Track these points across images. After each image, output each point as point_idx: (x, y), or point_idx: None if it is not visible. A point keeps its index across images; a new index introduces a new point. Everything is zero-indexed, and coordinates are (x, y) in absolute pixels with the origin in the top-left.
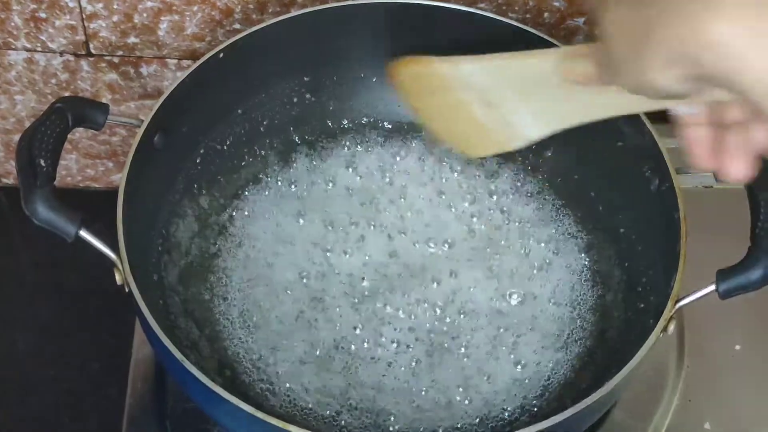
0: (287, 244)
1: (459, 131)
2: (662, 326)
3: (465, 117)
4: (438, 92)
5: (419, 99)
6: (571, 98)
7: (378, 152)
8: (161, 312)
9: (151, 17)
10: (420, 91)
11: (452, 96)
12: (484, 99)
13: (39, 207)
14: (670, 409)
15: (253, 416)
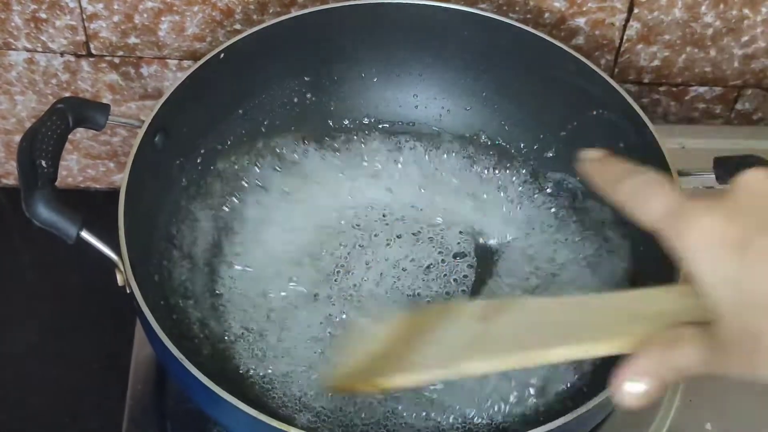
0: (289, 244)
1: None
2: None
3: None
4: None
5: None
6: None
7: (378, 152)
8: (162, 312)
9: (151, 18)
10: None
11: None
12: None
13: (40, 208)
14: (672, 410)
15: (254, 417)
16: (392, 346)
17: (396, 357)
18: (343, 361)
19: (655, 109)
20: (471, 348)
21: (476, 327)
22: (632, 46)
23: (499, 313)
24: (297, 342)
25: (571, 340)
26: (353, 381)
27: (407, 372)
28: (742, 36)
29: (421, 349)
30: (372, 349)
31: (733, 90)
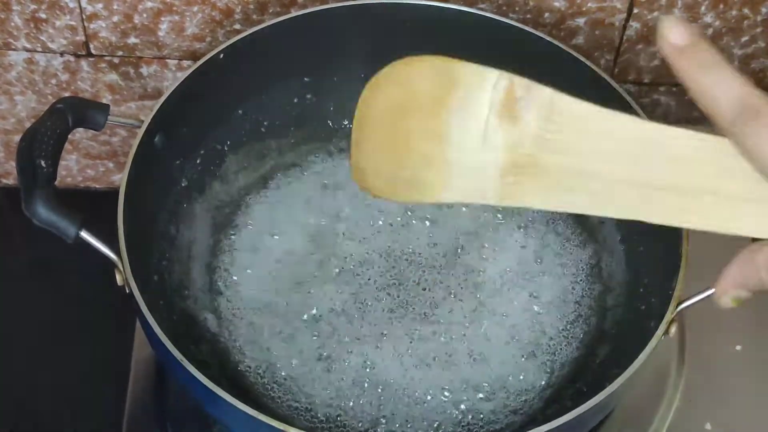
0: (289, 244)
1: (411, 162)
2: (664, 329)
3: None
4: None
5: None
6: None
7: None
8: (162, 313)
9: (151, 18)
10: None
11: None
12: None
13: (39, 208)
14: (671, 410)
15: (253, 417)
16: (399, 131)
17: (408, 155)
18: (359, 153)
19: (655, 109)
20: (509, 177)
21: (499, 131)
22: (632, 46)
23: (530, 106)
24: (297, 342)
25: (669, 210)
26: (371, 179)
27: (421, 188)
28: (742, 36)
29: (433, 150)
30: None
31: None
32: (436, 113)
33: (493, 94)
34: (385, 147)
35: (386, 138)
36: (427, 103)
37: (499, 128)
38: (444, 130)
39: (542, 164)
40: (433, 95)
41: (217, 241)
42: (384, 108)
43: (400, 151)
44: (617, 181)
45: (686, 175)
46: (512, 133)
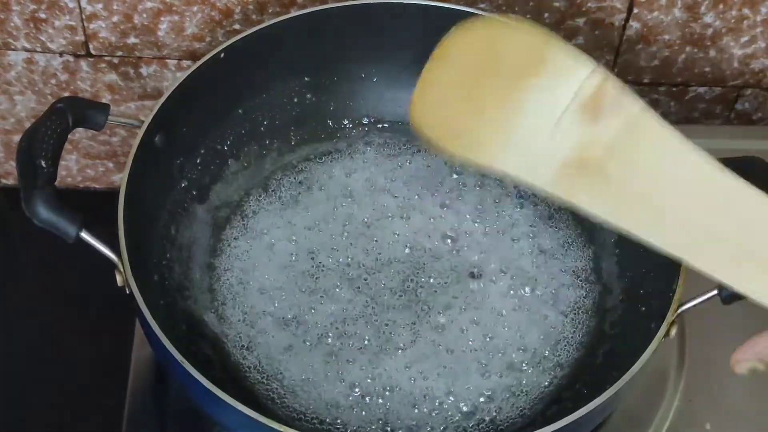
0: (289, 244)
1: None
2: (664, 331)
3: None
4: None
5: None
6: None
7: (379, 152)
8: (162, 313)
9: (150, 18)
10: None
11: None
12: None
13: (39, 208)
14: (671, 410)
15: (254, 419)
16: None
17: (473, 110)
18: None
19: (654, 109)
20: (569, 170)
21: (576, 125)
22: (632, 46)
23: (616, 113)
24: (298, 342)
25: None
26: (430, 123)
27: (479, 148)
28: (742, 36)
29: (502, 116)
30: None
31: (732, 90)
32: (517, 84)
33: (583, 85)
34: (456, 97)
35: (460, 88)
36: (512, 71)
37: (577, 122)
38: (520, 104)
39: (607, 172)
40: (519, 65)
41: (217, 241)
42: (467, 58)
43: (470, 106)
44: (674, 216)
45: (746, 236)
46: (589, 131)
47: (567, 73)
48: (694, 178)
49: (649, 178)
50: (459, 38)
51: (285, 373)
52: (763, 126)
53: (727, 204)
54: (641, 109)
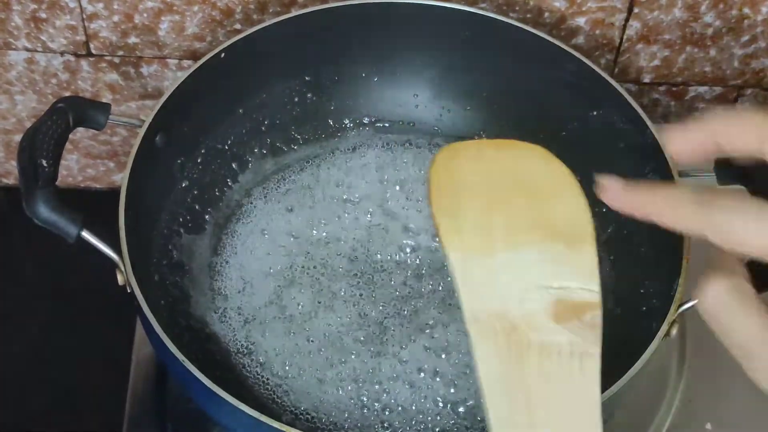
0: (290, 244)
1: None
2: (665, 331)
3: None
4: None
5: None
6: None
7: (379, 151)
8: (163, 312)
9: (151, 17)
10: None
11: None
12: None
13: (40, 207)
14: (671, 410)
15: (254, 419)
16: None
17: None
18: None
19: (655, 109)
20: (498, 323)
21: (537, 307)
22: (632, 46)
23: (575, 334)
24: (298, 342)
25: None
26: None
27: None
28: (742, 36)
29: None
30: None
31: (733, 90)
32: (545, 234)
33: (575, 289)
34: (477, 185)
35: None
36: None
37: (543, 303)
38: (524, 242)
39: (522, 357)
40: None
41: (217, 241)
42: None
43: (483, 201)
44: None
45: None
46: (541, 319)
47: (581, 268)
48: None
49: (547, 395)
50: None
51: (285, 373)
52: None
53: None
54: (593, 356)
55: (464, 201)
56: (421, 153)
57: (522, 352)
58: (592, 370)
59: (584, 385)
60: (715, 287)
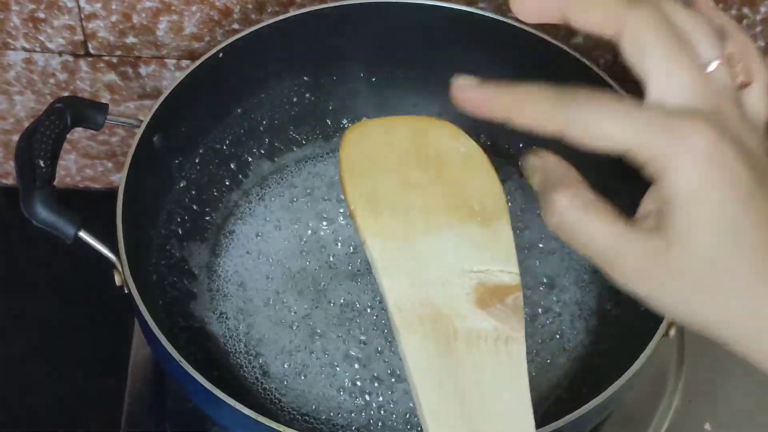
0: (289, 244)
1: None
2: (663, 331)
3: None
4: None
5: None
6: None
7: None
8: (160, 313)
9: (149, 17)
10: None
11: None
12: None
13: (38, 208)
14: (670, 410)
15: (254, 419)
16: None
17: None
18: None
19: None
20: (423, 310)
21: (461, 293)
22: None
23: (499, 320)
24: (298, 342)
25: None
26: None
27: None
28: None
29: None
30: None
31: None
32: (461, 208)
33: (496, 272)
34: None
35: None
36: (468, 195)
37: (466, 289)
38: (444, 222)
39: (450, 345)
40: (482, 194)
41: (216, 241)
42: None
43: (400, 183)
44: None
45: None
46: (466, 306)
47: (499, 249)
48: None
49: (477, 382)
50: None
51: (283, 374)
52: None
53: None
54: (518, 339)
55: (379, 183)
56: None
57: (449, 340)
58: (519, 353)
59: (512, 369)
60: (560, 202)
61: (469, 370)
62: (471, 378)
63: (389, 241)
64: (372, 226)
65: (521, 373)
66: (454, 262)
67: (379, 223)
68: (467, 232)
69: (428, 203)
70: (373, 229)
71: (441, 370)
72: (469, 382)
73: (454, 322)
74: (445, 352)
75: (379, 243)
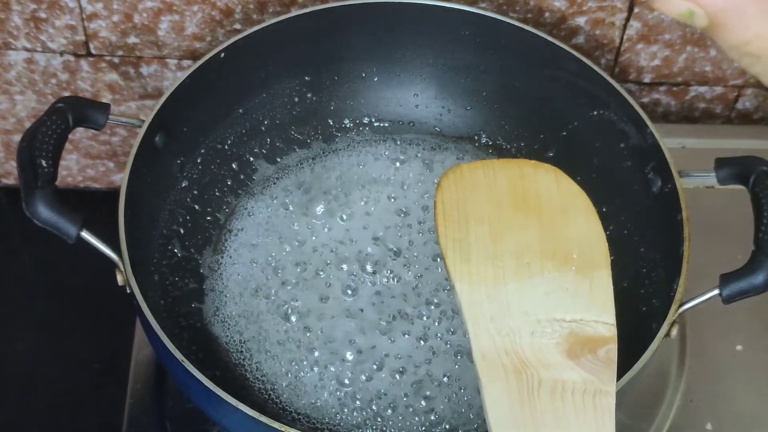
0: (289, 243)
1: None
2: (665, 331)
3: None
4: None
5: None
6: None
7: (379, 151)
8: (162, 312)
9: (151, 17)
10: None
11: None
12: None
13: (40, 208)
14: (672, 409)
15: (254, 419)
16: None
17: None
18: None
19: (655, 109)
20: (505, 358)
21: (549, 342)
22: (632, 46)
23: (590, 373)
24: (298, 343)
25: None
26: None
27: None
28: None
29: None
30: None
31: (733, 90)
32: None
33: (590, 322)
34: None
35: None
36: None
37: (555, 338)
38: (536, 270)
39: (533, 399)
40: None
41: (218, 241)
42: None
43: (494, 227)
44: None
45: None
46: (556, 356)
47: (596, 299)
48: None
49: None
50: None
51: (284, 374)
52: (763, 126)
53: None
54: (608, 393)
55: (472, 228)
56: (421, 153)
57: (533, 391)
58: (607, 407)
59: (598, 423)
60: None
61: (550, 422)
62: (552, 431)
63: (478, 286)
64: (461, 270)
65: (608, 427)
66: (545, 310)
67: (468, 267)
68: (562, 280)
69: (522, 248)
70: (463, 273)
71: (521, 421)
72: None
73: (540, 372)
74: (527, 402)
75: (467, 288)
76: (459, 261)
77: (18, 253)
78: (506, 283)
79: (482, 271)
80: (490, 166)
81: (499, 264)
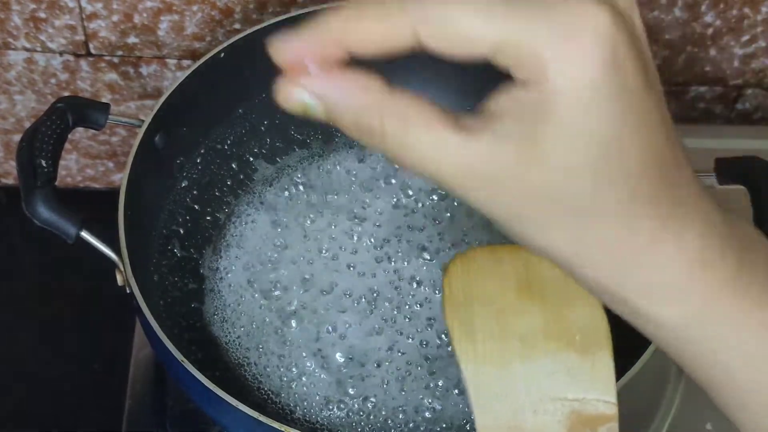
0: (289, 244)
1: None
2: None
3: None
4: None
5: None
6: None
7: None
8: (162, 313)
9: (150, 17)
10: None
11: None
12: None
13: (39, 208)
14: (672, 410)
15: (254, 419)
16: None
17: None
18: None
19: None
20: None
21: (555, 421)
22: None
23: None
24: (298, 344)
25: None
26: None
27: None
28: (743, 35)
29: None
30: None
31: (733, 90)
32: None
33: (594, 402)
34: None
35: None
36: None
37: (562, 417)
38: (538, 351)
39: None
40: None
41: (218, 242)
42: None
43: (495, 306)
44: None
45: None
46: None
47: (597, 379)
48: None
49: None
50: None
51: (284, 374)
52: (763, 126)
53: None
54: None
55: (479, 311)
56: None
57: None
58: None
59: None
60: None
61: None
62: None
63: (483, 365)
64: (468, 351)
65: None
66: (547, 390)
67: (474, 347)
68: (565, 360)
69: (527, 331)
70: (469, 354)
71: None
72: None
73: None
74: None
75: (473, 368)
76: (465, 341)
77: (18, 253)
78: (511, 364)
79: (488, 352)
80: (497, 252)
81: (505, 346)
